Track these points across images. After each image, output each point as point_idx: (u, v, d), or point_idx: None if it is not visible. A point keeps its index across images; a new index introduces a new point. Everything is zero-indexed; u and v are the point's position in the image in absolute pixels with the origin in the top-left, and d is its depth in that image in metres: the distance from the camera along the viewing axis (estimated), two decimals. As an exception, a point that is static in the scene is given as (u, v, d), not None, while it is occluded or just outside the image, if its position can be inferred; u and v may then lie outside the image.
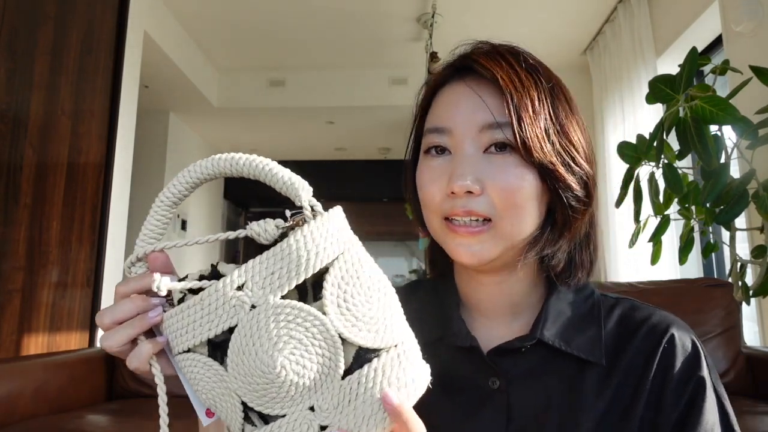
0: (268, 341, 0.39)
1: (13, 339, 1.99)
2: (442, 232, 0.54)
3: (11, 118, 2.00)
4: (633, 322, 0.55)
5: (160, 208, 0.45)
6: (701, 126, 1.42)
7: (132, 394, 1.75)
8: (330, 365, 0.40)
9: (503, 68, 0.52)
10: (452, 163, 0.52)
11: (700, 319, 1.57)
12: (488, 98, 0.52)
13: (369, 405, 0.40)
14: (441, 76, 0.57)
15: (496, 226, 0.51)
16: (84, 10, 2.44)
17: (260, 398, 0.40)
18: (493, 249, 0.52)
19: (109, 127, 2.61)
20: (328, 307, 0.40)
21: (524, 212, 0.51)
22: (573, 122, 0.54)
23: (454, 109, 0.53)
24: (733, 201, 1.42)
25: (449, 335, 0.56)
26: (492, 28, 3.53)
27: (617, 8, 3.16)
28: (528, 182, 0.51)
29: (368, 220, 6.42)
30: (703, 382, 0.50)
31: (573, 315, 0.56)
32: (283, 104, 4.42)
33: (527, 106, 0.50)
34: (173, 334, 0.42)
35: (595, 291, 0.59)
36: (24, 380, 1.46)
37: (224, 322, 0.40)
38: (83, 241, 2.40)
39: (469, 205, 0.51)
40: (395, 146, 5.69)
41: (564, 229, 0.54)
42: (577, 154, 0.53)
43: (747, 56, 1.97)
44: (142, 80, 3.14)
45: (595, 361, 0.53)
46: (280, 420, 0.40)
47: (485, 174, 0.51)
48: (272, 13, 3.40)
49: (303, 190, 0.42)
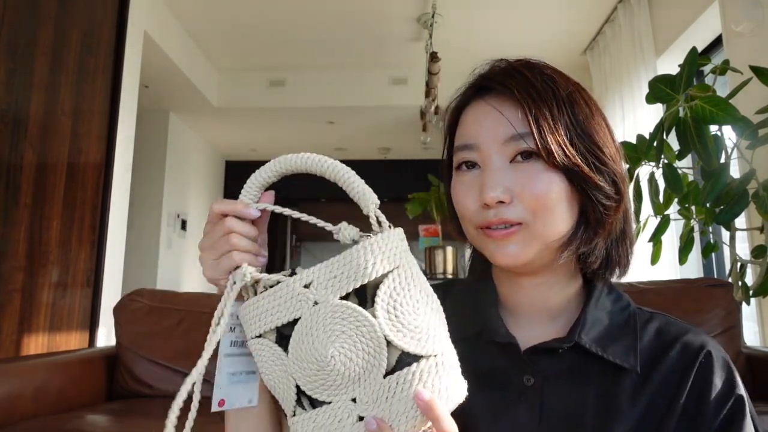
0: (324, 333, 0.45)
1: (13, 339, 1.99)
2: (479, 239, 0.58)
3: (11, 118, 2.00)
4: (669, 336, 0.56)
5: (249, 190, 0.52)
6: (701, 126, 1.42)
7: (132, 394, 1.75)
8: (374, 363, 0.45)
9: (519, 82, 0.55)
10: (482, 176, 0.55)
11: (700, 319, 1.57)
12: (508, 112, 0.55)
13: (404, 403, 0.44)
14: (465, 96, 0.61)
15: (529, 227, 0.54)
16: (84, 10, 2.44)
17: (312, 383, 0.46)
18: (528, 249, 0.54)
19: (109, 127, 2.61)
20: (378, 312, 0.45)
21: (555, 214, 0.54)
22: (595, 124, 0.56)
23: (478, 127, 0.57)
24: (733, 201, 1.42)
25: (487, 331, 0.58)
26: (492, 28, 3.53)
27: (617, 8, 3.16)
28: (556, 185, 0.53)
29: (368, 220, 6.40)
30: (743, 401, 0.52)
31: (610, 324, 0.57)
32: (283, 104, 4.42)
33: (545, 114, 0.53)
34: (251, 320, 0.49)
35: (631, 303, 0.60)
36: (24, 380, 1.46)
37: (291, 314, 0.47)
38: (83, 241, 2.40)
39: (501, 213, 0.54)
40: (395, 146, 5.70)
41: (598, 227, 0.56)
42: (602, 154, 0.55)
43: (747, 56, 1.97)
44: (142, 80, 3.14)
45: (630, 368, 0.54)
46: (325, 406, 0.46)
47: (514, 183, 0.54)
48: (272, 13, 3.40)
49: (372, 203, 0.49)
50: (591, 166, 0.54)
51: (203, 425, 1.14)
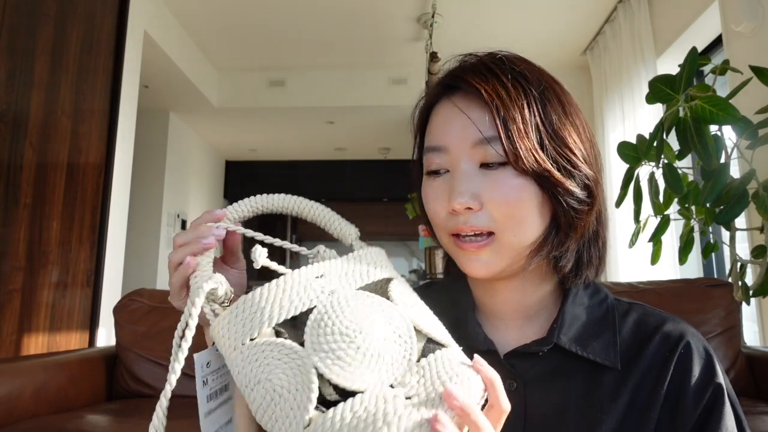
0: (351, 314, 0.43)
1: (13, 339, 1.99)
2: (451, 248, 0.56)
3: (11, 118, 2.00)
4: (648, 328, 0.56)
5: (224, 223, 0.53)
6: (701, 126, 1.42)
7: (132, 394, 1.75)
8: (406, 348, 0.43)
9: (489, 81, 0.52)
10: (451, 181, 0.53)
11: (700, 319, 1.57)
12: (476, 114, 0.52)
13: (438, 385, 0.41)
14: (434, 94, 0.58)
15: (499, 239, 0.52)
16: (84, 10, 2.44)
17: (343, 369, 0.40)
18: (500, 261, 0.53)
19: (109, 127, 2.61)
20: (396, 301, 0.45)
21: (525, 222, 0.52)
22: (568, 125, 0.53)
23: (447, 128, 0.54)
24: (733, 201, 1.42)
25: (465, 338, 0.56)
26: (492, 28, 3.53)
27: (617, 8, 3.16)
28: (527, 192, 0.51)
29: (368, 220, 6.42)
30: (722, 389, 0.51)
31: (588, 319, 0.56)
32: (283, 104, 4.42)
33: (515, 117, 0.51)
34: (247, 318, 0.44)
35: (609, 296, 0.60)
36: (24, 380, 1.46)
37: (304, 304, 0.44)
38: (83, 241, 2.40)
39: (470, 221, 0.52)
40: (395, 146, 5.69)
41: (569, 230, 0.54)
42: (574, 157, 0.53)
43: (747, 56, 1.97)
44: (142, 80, 3.14)
45: (610, 365, 0.53)
46: (360, 396, 0.40)
47: (482, 189, 0.52)
48: (272, 13, 3.40)
49: (352, 234, 0.55)
50: (562, 171, 0.52)
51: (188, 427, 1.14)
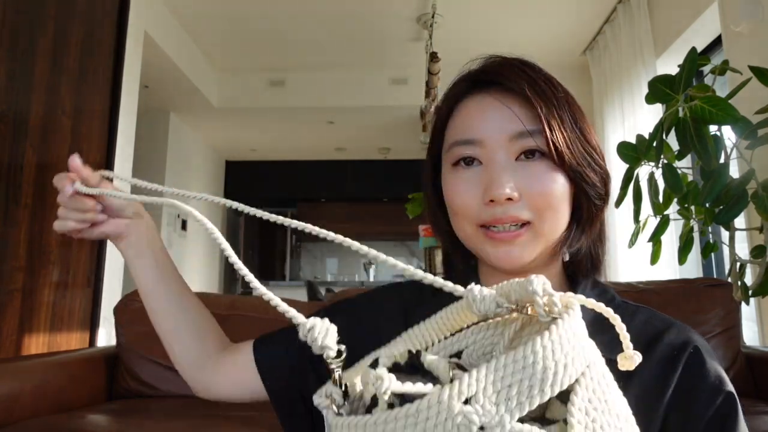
0: None
1: (13, 339, 1.99)
2: (477, 240, 0.56)
3: (11, 118, 2.00)
4: (655, 330, 0.56)
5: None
6: (701, 126, 1.42)
7: (132, 394, 1.75)
8: None
9: (527, 80, 0.55)
10: (486, 172, 0.55)
11: (700, 319, 1.57)
12: (515, 108, 0.55)
13: None
14: (458, 91, 0.59)
15: (535, 228, 0.54)
16: (84, 10, 2.44)
17: None
18: (533, 251, 0.55)
19: (109, 128, 2.61)
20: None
21: (558, 213, 0.55)
22: (587, 125, 0.58)
23: (481, 122, 0.56)
24: (733, 201, 1.43)
25: None
26: (492, 28, 3.54)
27: (617, 8, 3.16)
28: (560, 184, 0.55)
29: (368, 220, 6.42)
30: (734, 399, 0.51)
31: (595, 317, 0.56)
32: (283, 104, 4.42)
33: (554, 113, 0.54)
34: None
35: (616, 297, 0.60)
36: (24, 380, 1.46)
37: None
38: (83, 241, 2.40)
39: (510, 211, 0.54)
40: (395, 146, 5.70)
41: (587, 224, 0.58)
42: (595, 154, 0.57)
43: (746, 56, 1.97)
44: (142, 80, 3.14)
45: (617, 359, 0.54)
46: None
47: (521, 181, 0.54)
48: (272, 13, 3.40)
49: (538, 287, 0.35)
50: (590, 167, 0.56)
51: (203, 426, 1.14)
